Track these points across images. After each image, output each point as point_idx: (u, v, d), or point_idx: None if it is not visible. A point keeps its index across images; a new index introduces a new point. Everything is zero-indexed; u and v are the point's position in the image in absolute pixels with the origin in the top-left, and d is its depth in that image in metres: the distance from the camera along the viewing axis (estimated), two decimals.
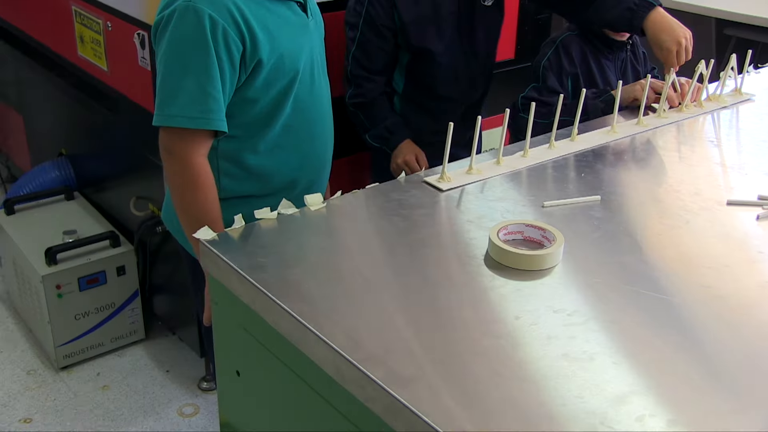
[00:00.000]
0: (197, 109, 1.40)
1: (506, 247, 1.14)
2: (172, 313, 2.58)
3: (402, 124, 2.05)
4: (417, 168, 2.00)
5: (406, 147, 2.03)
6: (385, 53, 2.00)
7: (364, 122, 2.05)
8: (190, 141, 1.44)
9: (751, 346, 1.00)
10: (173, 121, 1.42)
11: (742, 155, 1.62)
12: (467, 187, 1.40)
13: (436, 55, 1.99)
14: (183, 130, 1.42)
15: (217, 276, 1.19)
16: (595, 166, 1.51)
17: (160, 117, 1.43)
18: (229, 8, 1.39)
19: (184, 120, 1.41)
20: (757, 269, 1.18)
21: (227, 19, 1.39)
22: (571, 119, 1.62)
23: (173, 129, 1.43)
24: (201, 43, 1.38)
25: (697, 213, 1.35)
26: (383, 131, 2.03)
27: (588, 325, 1.01)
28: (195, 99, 1.40)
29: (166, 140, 1.46)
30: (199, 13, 1.37)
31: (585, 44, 1.99)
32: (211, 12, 1.38)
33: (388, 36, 1.97)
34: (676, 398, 0.90)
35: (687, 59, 1.80)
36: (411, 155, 2.01)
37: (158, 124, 1.44)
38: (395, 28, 1.97)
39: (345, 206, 1.33)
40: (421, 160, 2.02)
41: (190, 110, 1.41)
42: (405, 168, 2.01)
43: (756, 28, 3.12)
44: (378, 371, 0.90)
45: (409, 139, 2.04)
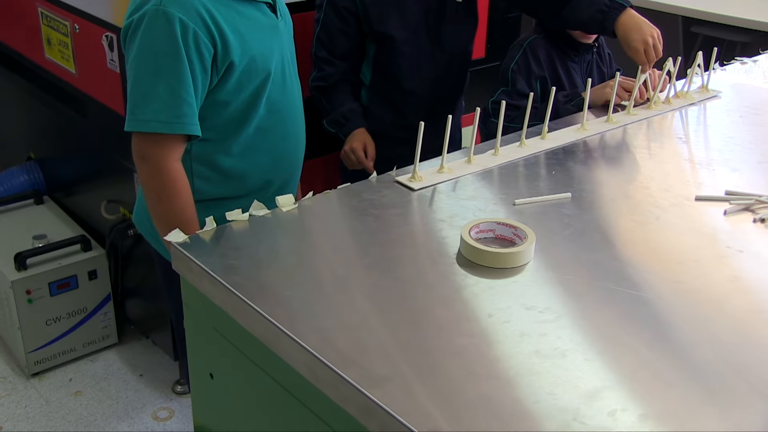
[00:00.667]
0: (171, 113, 1.39)
1: (478, 245, 1.15)
2: (145, 317, 2.56)
3: (359, 112, 2.05)
4: (362, 157, 2.01)
5: (358, 135, 2.03)
6: (347, 37, 2.00)
7: (324, 106, 2.05)
8: (164, 146, 1.43)
9: (720, 339, 1.01)
10: (147, 126, 1.40)
11: (709, 151, 1.64)
12: (439, 186, 1.40)
13: (398, 43, 1.99)
14: (157, 135, 1.41)
15: (189, 279, 1.18)
16: (566, 164, 1.53)
17: (133, 122, 1.41)
18: (199, 11, 1.39)
19: (159, 125, 1.40)
20: (725, 264, 1.20)
21: (198, 22, 1.38)
22: (541, 123, 1.63)
23: (146, 134, 1.42)
24: (172, 47, 1.37)
25: (666, 209, 1.36)
26: (339, 117, 2.04)
27: (560, 322, 1.02)
28: (168, 104, 1.39)
29: (139, 146, 1.44)
30: (169, 17, 1.36)
31: (551, 47, 2.01)
32: (182, 15, 1.37)
33: (350, 20, 1.98)
34: (648, 393, 0.90)
35: (657, 57, 1.82)
36: (359, 143, 2.02)
37: (131, 130, 1.43)
38: (357, 11, 1.97)
39: (317, 207, 1.32)
40: (369, 151, 2.03)
41: (163, 115, 1.39)
42: (351, 155, 2.02)
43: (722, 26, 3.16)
44: (351, 371, 0.90)
45: (364, 128, 2.04)
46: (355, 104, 2.07)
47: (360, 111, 2.07)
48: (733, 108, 1.89)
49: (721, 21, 3.14)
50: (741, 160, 1.59)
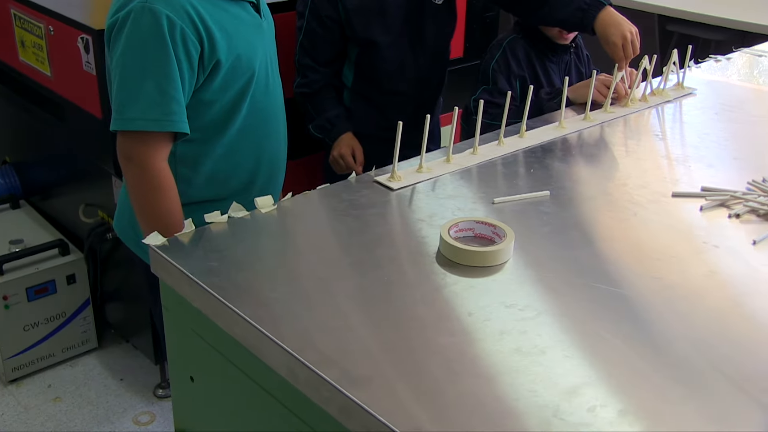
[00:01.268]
0: (160, 111, 1.38)
1: (457, 244, 1.15)
2: (125, 321, 2.55)
3: (344, 117, 2.06)
4: (351, 162, 2.01)
5: (345, 140, 2.04)
6: (330, 44, 2.00)
7: (309, 112, 2.05)
8: (151, 145, 1.41)
9: (698, 333, 1.02)
10: (134, 124, 1.38)
11: (685, 148, 1.66)
12: (418, 185, 1.40)
13: (381, 48, 1.99)
14: (144, 134, 1.39)
15: (168, 281, 1.18)
16: (544, 162, 1.53)
17: (120, 121, 1.39)
18: (186, 9, 1.37)
19: (147, 123, 1.38)
20: (702, 259, 1.21)
21: (185, 19, 1.37)
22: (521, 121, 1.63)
23: (133, 133, 1.40)
24: (160, 44, 1.35)
25: (644, 206, 1.37)
26: (325, 122, 2.04)
27: (540, 320, 1.02)
28: (156, 101, 1.37)
29: (125, 145, 1.42)
30: (156, 13, 1.35)
31: (530, 47, 2.02)
32: (169, 12, 1.35)
33: (332, 27, 1.98)
34: (627, 388, 0.91)
35: (635, 54, 1.83)
36: (347, 148, 2.03)
37: (118, 129, 1.40)
38: (339, 18, 1.97)
39: (296, 208, 1.32)
40: (357, 156, 2.03)
41: (152, 113, 1.37)
42: (339, 161, 2.03)
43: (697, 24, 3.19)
44: (332, 372, 0.90)
45: (350, 132, 2.05)
46: (341, 109, 2.07)
47: (345, 115, 2.07)
48: (708, 105, 1.91)
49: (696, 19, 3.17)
50: (716, 156, 1.60)
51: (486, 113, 1.68)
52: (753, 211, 1.35)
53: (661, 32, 3.50)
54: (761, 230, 1.29)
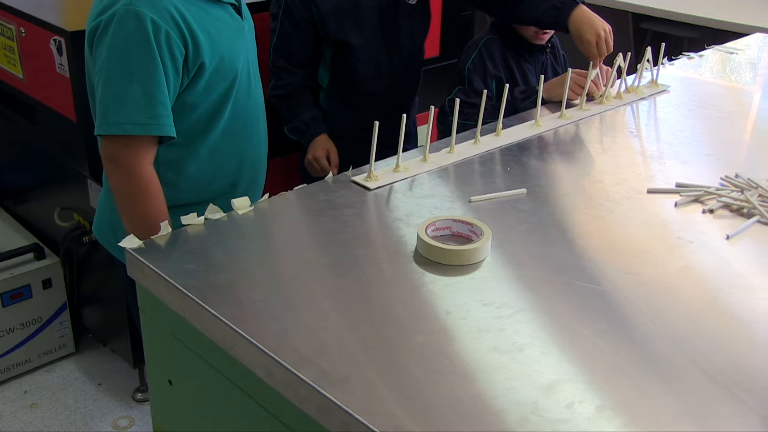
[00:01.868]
0: (146, 114, 1.36)
1: (434, 243, 1.15)
2: (103, 325, 2.52)
3: (319, 119, 2.06)
4: (325, 165, 2.02)
5: (320, 142, 2.04)
6: (304, 46, 2.00)
7: (284, 114, 2.05)
8: (137, 149, 1.40)
9: (674, 328, 1.03)
10: (121, 128, 1.37)
11: (660, 144, 1.67)
12: (395, 185, 1.41)
13: (356, 50, 1.99)
14: (130, 138, 1.38)
15: (145, 284, 1.17)
16: (521, 160, 1.54)
17: (105, 125, 1.38)
18: (170, 11, 1.36)
19: (134, 127, 1.36)
20: (677, 254, 1.22)
21: (169, 22, 1.36)
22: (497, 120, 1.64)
23: (118, 137, 1.38)
24: (145, 47, 1.34)
25: (619, 202, 1.38)
26: (300, 124, 2.04)
27: (517, 317, 1.03)
28: (143, 105, 1.36)
29: (110, 149, 1.41)
30: (140, 16, 1.34)
31: (506, 47, 2.03)
32: (153, 15, 1.34)
33: (306, 28, 1.97)
34: (604, 383, 0.92)
35: (608, 51, 1.85)
36: (322, 151, 2.03)
37: (103, 133, 1.39)
38: (313, 20, 1.96)
39: (273, 209, 1.32)
40: (332, 158, 2.04)
41: (138, 116, 1.36)
42: (314, 164, 2.02)
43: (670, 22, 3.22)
44: (310, 372, 0.90)
45: (325, 134, 2.05)
46: (316, 110, 2.06)
47: (320, 117, 2.07)
48: (681, 102, 1.93)
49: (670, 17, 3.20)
50: (690, 152, 1.62)
51: (461, 113, 1.69)
52: (726, 207, 1.36)
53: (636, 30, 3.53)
54: (734, 225, 1.30)
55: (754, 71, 2.27)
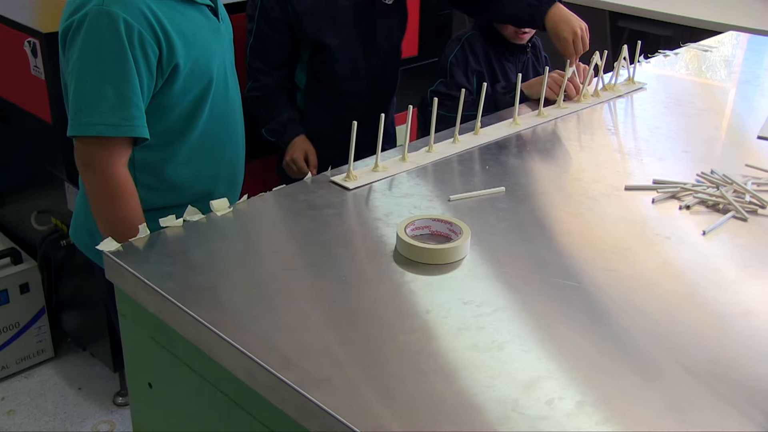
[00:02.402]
0: (119, 116, 1.35)
1: (414, 242, 1.15)
2: (82, 329, 2.50)
3: (297, 120, 2.05)
4: (303, 166, 2.01)
5: (298, 143, 2.04)
6: (280, 47, 1.99)
7: (262, 116, 2.04)
8: (111, 150, 1.38)
9: (652, 323, 1.04)
10: (93, 129, 1.36)
11: (637, 142, 1.68)
12: (374, 184, 1.40)
13: (333, 50, 1.99)
14: (103, 139, 1.37)
15: (123, 287, 1.16)
16: (499, 158, 1.54)
17: (78, 126, 1.36)
18: (143, 12, 1.35)
19: (106, 128, 1.35)
20: (655, 250, 1.23)
21: (142, 23, 1.35)
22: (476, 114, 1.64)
23: (91, 139, 1.37)
24: (118, 48, 1.33)
25: (598, 199, 1.39)
26: (277, 125, 2.03)
27: (497, 315, 1.03)
28: (115, 106, 1.35)
29: (84, 151, 1.40)
30: (113, 17, 1.32)
31: (488, 44, 2.04)
32: (126, 16, 1.33)
33: (282, 29, 1.97)
34: (584, 380, 0.92)
35: (584, 50, 1.86)
36: (300, 152, 2.03)
37: (76, 134, 1.37)
38: (290, 20, 1.96)
39: (252, 210, 1.31)
40: (310, 159, 2.03)
41: (111, 117, 1.35)
42: (292, 165, 2.02)
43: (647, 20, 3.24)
44: (290, 373, 0.90)
45: (303, 135, 2.04)
46: (293, 111, 2.06)
47: (298, 118, 2.06)
48: (658, 99, 1.95)
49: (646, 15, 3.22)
50: (667, 149, 1.63)
51: (443, 105, 1.69)
52: (702, 203, 1.38)
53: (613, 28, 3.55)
54: (710, 221, 1.31)
55: (728, 68, 2.29)
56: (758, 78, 2.19)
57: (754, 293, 1.12)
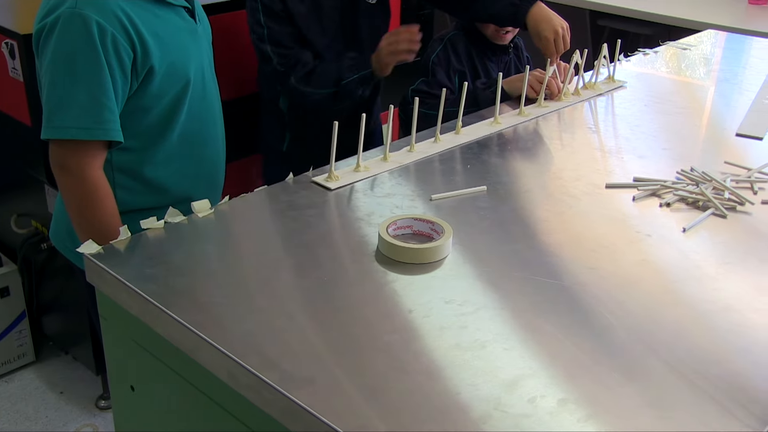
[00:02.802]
0: (92, 119, 1.35)
1: (395, 242, 1.15)
2: (64, 332, 2.49)
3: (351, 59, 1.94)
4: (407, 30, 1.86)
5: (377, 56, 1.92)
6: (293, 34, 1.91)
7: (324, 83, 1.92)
8: (85, 153, 1.38)
9: (634, 320, 1.04)
10: (66, 132, 1.35)
11: (618, 140, 1.69)
12: (356, 184, 1.40)
13: (319, 50, 1.97)
14: (77, 143, 1.36)
15: (104, 290, 1.15)
16: (481, 157, 1.55)
17: (51, 129, 1.36)
18: (117, 14, 1.34)
19: (79, 131, 1.35)
20: (635, 248, 1.24)
21: (116, 25, 1.34)
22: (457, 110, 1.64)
23: (66, 142, 1.36)
24: (90, 51, 1.32)
25: (579, 197, 1.40)
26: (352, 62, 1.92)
27: (479, 314, 1.03)
28: (88, 109, 1.34)
29: (58, 154, 1.39)
30: (86, 19, 1.32)
31: (470, 44, 2.05)
32: (99, 18, 1.32)
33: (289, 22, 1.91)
34: (566, 377, 0.92)
35: (565, 49, 1.87)
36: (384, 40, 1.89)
37: (48, 137, 1.37)
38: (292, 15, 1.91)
39: (233, 211, 1.31)
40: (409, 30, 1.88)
41: (84, 121, 1.34)
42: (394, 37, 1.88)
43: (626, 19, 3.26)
44: (273, 374, 0.89)
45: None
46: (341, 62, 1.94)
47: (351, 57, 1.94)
48: (638, 97, 1.96)
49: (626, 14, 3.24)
50: (647, 147, 1.64)
51: (423, 103, 1.70)
52: (682, 200, 1.38)
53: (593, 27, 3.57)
54: (690, 218, 1.32)
55: (707, 66, 2.31)
56: (736, 76, 2.21)
57: (734, 289, 1.13)
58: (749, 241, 1.28)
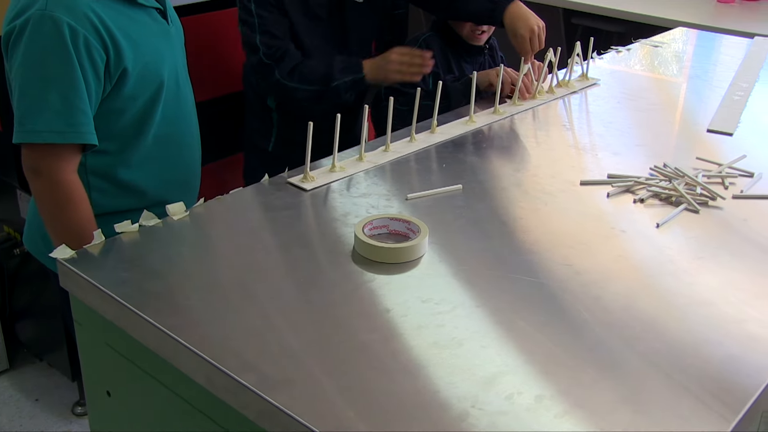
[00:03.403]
0: (65, 122, 1.33)
1: (371, 242, 1.15)
2: (38, 338, 2.46)
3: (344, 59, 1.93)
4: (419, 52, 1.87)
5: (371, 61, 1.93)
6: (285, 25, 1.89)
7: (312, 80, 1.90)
8: (59, 157, 1.36)
9: (610, 316, 1.05)
10: (39, 137, 1.33)
11: (592, 137, 1.71)
12: (332, 185, 1.40)
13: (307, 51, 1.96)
14: (50, 146, 1.35)
15: (79, 295, 1.14)
16: (456, 156, 1.55)
17: (23, 134, 1.34)
18: (88, 16, 1.33)
19: (52, 135, 1.33)
20: (611, 244, 1.25)
21: (88, 27, 1.32)
22: (431, 104, 1.64)
23: (38, 146, 1.35)
24: (62, 53, 1.31)
25: (555, 195, 1.41)
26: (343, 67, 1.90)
27: (456, 312, 1.03)
28: (61, 112, 1.33)
29: (31, 159, 1.37)
30: (57, 22, 1.30)
31: (446, 45, 2.06)
32: (70, 20, 1.31)
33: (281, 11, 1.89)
34: (543, 374, 0.93)
35: (540, 47, 1.88)
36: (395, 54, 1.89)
37: (21, 141, 1.35)
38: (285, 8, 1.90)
39: (209, 213, 1.30)
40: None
41: (57, 124, 1.33)
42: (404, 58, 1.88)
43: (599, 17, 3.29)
44: (250, 377, 0.89)
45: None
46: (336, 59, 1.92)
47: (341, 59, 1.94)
48: (611, 94, 1.97)
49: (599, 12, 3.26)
50: (621, 144, 1.65)
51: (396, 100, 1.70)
52: (656, 196, 1.40)
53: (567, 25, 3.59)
54: (663, 213, 1.34)
55: (679, 63, 2.33)
56: (707, 72, 2.24)
57: (707, 283, 1.14)
58: (721, 235, 1.30)
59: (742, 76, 2.16)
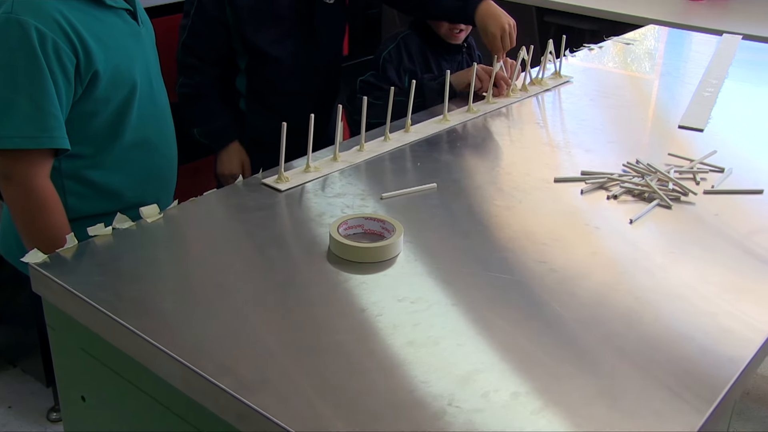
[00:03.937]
0: (36, 127, 1.31)
1: (346, 241, 1.15)
2: (11, 344, 2.42)
3: (232, 125, 2.02)
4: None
5: (233, 152, 2.01)
6: (214, 47, 1.95)
7: (192, 114, 2.00)
8: (30, 163, 1.35)
9: (585, 312, 1.06)
10: (9, 142, 1.32)
11: (565, 134, 1.72)
12: (306, 185, 1.40)
13: (274, 50, 1.96)
14: (21, 152, 1.33)
15: (52, 300, 1.13)
16: (431, 155, 1.56)
17: None
18: (56, 19, 1.31)
19: (23, 140, 1.31)
20: (585, 241, 1.25)
21: (56, 30, 1.31)
22: (405, 100, 1.64)
23: (9, 152, 1.33)
24: (30, 57, 1.29)
25: (529, 192, 1.41)
26: (212, 128, 2.00)
27: (431, 311, 1.04)
28: (32, 117, 1.31)
29: (2, 165, 1.35)
30: (24, 25, 1.28)
31: (424, 44, 2.06)
32: (38, 24, 1.29)
33: (218, 30, 1.92)
34: (518, 371, 0.93)
35: (512, 46, 1.89)
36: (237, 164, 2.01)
37: None
38: (227, 22, 1.92)
39: (183, 215, 1.29)
40: (245, 166, 2.02)
41: (28, 129, 1.31)
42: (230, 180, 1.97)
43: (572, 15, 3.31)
44: (227, 379, 0.89)
45: (237, 141, 2.02)
46: (227, 116, 2.01)
47: (230, 123, 2.02)
48: (584, 92, 1.99)
49: (571, 10, 3.29)
50: (594, 141, 1.67)
51: (371, 95, 1.71)
52: (629, 192, 1.41)
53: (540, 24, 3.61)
54: (637, 209, 1.35)
55: (651, 60, 2.36)
56: (678, 69, 2.26)
57: (680, 277, 1.15)
58: (693, 230, 1.31)
59: (712, 73, 2.19)
